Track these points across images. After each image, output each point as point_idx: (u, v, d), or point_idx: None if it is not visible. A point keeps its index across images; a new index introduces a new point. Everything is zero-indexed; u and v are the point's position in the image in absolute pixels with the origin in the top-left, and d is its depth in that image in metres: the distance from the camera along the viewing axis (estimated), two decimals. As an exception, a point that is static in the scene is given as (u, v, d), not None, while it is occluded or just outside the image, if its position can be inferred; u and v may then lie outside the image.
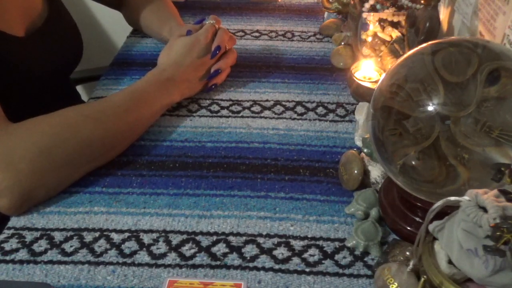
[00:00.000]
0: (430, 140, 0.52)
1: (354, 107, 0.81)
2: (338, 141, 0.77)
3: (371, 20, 0.88)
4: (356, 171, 0.66)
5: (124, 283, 0.56)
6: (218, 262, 0.58)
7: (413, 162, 0.55)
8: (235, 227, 0.63)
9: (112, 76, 0.93)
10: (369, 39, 0.89)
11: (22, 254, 0.59)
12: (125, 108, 0.73)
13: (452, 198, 0.45)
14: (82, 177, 0.69)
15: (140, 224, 0.63)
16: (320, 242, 0.61)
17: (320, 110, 0.84)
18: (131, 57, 1.00)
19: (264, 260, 0.59)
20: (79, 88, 1.35)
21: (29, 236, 0.61)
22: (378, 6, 0.89)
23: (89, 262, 0.58)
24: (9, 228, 0.62)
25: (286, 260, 0.59)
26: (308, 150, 0.76)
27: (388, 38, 0.87)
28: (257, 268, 0.58)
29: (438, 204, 0.45)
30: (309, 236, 0.62)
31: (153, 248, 0.60)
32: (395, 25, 0.88)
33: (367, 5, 0.89)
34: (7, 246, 0.60)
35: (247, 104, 0.86)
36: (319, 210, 0.65)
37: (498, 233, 0.40)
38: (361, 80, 0.85)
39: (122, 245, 0.60)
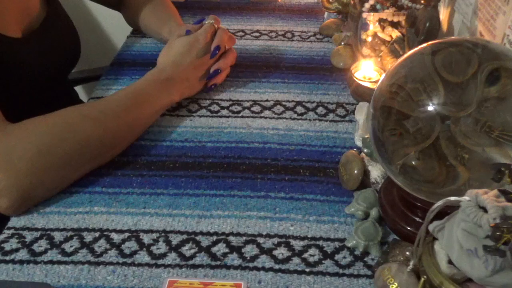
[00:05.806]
0: (430, 140, 0.52)
1: (354, 107, 0.81)
2: (338, 141, 0.77)
3: (371, 20, 0.88)
4: (356, 171, 0.66)
5: (124, 283, 0.56)
6: (218, 262, 0.58)
7: (413, 162, 0.55)
8: (235, 227, 0.63)
9: (112, 76, 0.93)
10: (369, 39, 0.89)
11: (22, 254, 0.59)
12: (124, 108, 0.73)
13: (452, 198, 0.45)
14: (82, 177, 0.69)
15: (140, 224, 0.63)
16: (320, 242, 0.61)
17: (320, 110, 0.84)
18: (131, 57, 1.00)
19: (264, 260, 0.59)
20: (79, 88, 1.35)
21: (29, 236, 0.61)
22: (378, 6, 0.89)
23: (89, 262, 0.58)
24: (9, 228, 0.62)
25: (286, 260, 0.59)
26: (308, 150, 0.76)
27: (388, 38, 0.87)
28: (257, 268, 0.58)
29: (438, 204, 0.45)
30: (309, 236, 0.62)
31: (153, 248, 0.60)
32: (395, 25, 0.88)
33: (367, 5, 0.89)
34: (7, 246, 0.60)
35: (247, 104, 0.86)
36: (319, 210, 0.65)
37: (498, 233, 0.40)
38: (361, 80, 0.85)
39: (122, 245, 0.60)
